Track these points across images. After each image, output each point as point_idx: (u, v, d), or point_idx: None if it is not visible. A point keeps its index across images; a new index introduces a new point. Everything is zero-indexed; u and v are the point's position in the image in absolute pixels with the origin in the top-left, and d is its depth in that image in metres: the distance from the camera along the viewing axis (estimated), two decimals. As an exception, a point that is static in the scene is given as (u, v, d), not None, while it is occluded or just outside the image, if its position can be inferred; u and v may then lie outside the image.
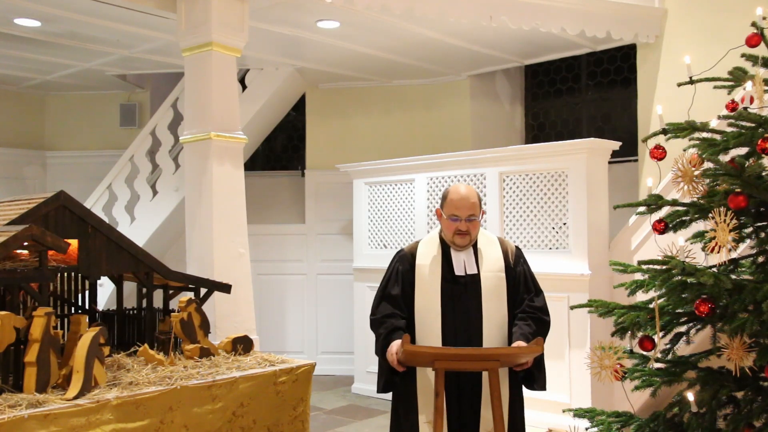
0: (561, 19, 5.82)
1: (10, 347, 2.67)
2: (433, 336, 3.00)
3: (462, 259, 3.08)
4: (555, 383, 5.45)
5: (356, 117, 8.17)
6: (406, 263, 3.13)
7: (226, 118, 5.02)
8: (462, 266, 3.07)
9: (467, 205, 3.02)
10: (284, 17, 5.78)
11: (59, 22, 5.89)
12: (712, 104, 3.98)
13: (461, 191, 3.06)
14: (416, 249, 3.16)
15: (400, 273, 3.11)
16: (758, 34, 3.35)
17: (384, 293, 3.11)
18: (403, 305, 3.06)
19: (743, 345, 2.94)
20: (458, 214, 3.02)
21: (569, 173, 5.55)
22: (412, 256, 3.14)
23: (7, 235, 2.66)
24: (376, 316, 3.07)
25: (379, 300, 3.11)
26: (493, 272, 3.08)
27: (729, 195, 3.07)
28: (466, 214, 3.02)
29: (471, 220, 3.03)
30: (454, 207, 3.03)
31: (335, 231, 8.10)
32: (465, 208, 3.02)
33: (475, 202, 3.05)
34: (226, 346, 3.48)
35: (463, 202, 3.02)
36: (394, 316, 3.03)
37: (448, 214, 3.05)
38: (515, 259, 3.15)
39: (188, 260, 5.07)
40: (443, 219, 3.10)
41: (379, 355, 3.03)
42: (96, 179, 8.01)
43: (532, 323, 3.02)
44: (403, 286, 3.08)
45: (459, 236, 3.04)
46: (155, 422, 2.73)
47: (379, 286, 3.17)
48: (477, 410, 2.97)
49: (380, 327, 3.03)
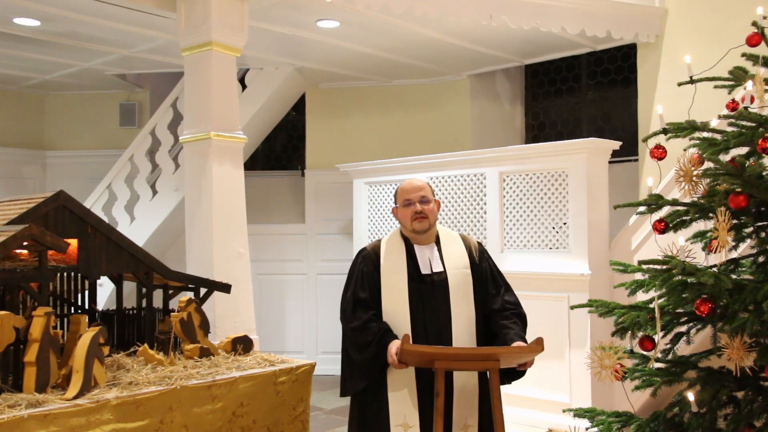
0: (561, 19, 5.82)
1: (10, 347, 2.67)
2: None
3: (426, 256, 3.07)
4: (555, 383, 5.46)
5: (356, 117, 8.17)
6: (369, 264, 3.09)
7: (225, 118, 5.01)
8: (427, 264, 3.06)
9: (415, 187, 3.10)
10: (284, 17, 5.78)
11: (59, 21, 5.88)
12: (712, 104, 3.97)
13: (411, 180, 3.17)
14: (379, 248, 3.13)
15: (365, 275, 3.07)
16: (759, 33, 3.35)
17: (354, 298, 3.05)
18: (373, 307, 3.02)
19: (743, 345, 2.94)
20: (410, 198, 3.08)
21: (569, 173, 5.55)
22: (376, 256, 3.10)
23: (7, 234, 2.65)
24: (355, 324, 2.99)
25: (352, 305, 3.04)
26: (459, 269, 3.07)
27: (729, 195, 3.06)
28: (417, 196, 3.07)
29: (424, 201, 3.07)
30: (405, 193, 3.10)
31: (335, 231, 8.10)
32: (414, 190, 3.09)
33: (423, 185, 3.11)
34: (226, 346, 3.48)
35: (411, 186, 3.11)
36: (375, 319, 2.98)
37: (401, 202, 3.11)
38: (479, 255, 3.14)
39: (188, 260, 5.06)
40: (399, 210, 3.13)
41: (367, 361, 2.96)
42: (96, 179, 8.01)
43: (518, 321, 3.02)
44: (369, 288, 3.04)
45: (417, 220, 3.05)
46: (155, 422, 2.73)
47: (345, 287, 3.11)
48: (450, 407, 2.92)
49: (366, 334, 2.95)
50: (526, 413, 5.46)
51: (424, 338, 2.97)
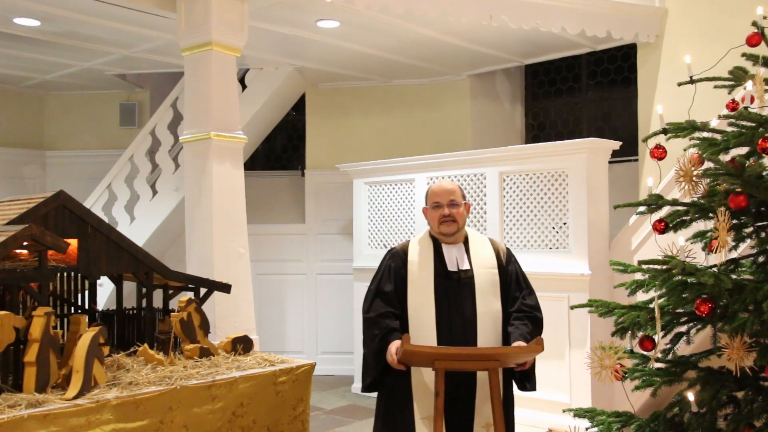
0: (561, 19, 5.82)
1: (10, 347, 2.66)
2: (428, 332, 2.99)
3: (454, 255, 3.11)
4: (555, 383, 5.46)
5: (356, 117, 8.17)
6: (398, 260, 3.15)
7: (225, 118, 5.01)
8: (454, 262, 3.10)
9: (446, 191, 3.14)
10: (284, 17, 5.78)
11: (59, 21, 5.88)
12: (712, 104, 3.97)
13: (441, 182, 3.23)
14: (408, 247, 3.20)
15: (392, 270, 3.12)
16: (759, 33, 3.35)
17: (377, 290, 3.11)
18: (396, 302, 3.06)
19: (743, 345, 2.94)
20: (439, 201, 3.13)
21: (569, 173, 5.55)
22: (404, 253, 3.17)
23: (7, 234, 2.65)
24: (370, 315, 3.07)
25: (373, 296, 3.11)
26: (486, 269, 3.11)
27: (729, 195, 3.07)
28: (446, 200, 3.12)
29: (453, 204, 3.11)
30: (435, 195, 3.16)
31: (335, 231, 8.10)
32: (444, 194, 3.13)
33: (454, 189, 3.16)
34: (226, 346, 3.48)
35: (441, 189, 3.16)
36: (388, 316, 3.02)
37: (430, 204, 3.16)
38: (507, 258, 3.19)
39: (188, 260, 5.06)
40: (428, 212, 3.19)
41: (371, 355, 3.02)
42: (96, 179, 8.01)
43: (528, 323, 3.03)
44: (395, 282, 3.09)
45: (445, 224, 3.10)
46: (155, 422, 2.73)
47: (371, 283, 3.17)
48: (471, 408, 2.96)
49: (374, 327, 3.02)
50: (526, 413, 5.45)
51: (449, 334, 2.99)
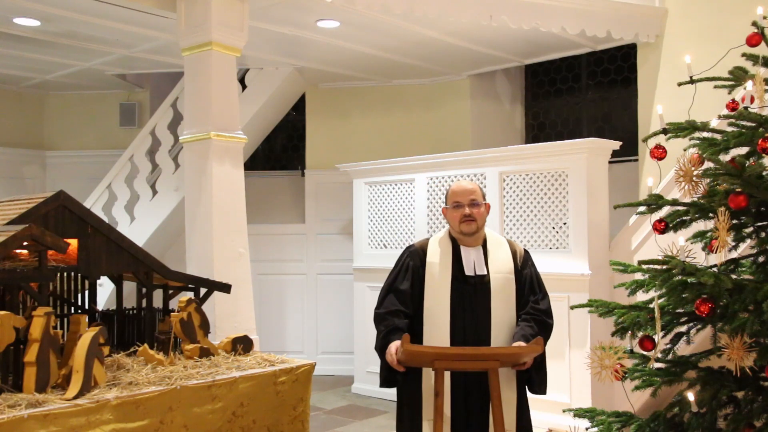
0: (561, 19, 5.82)
1: (10, 347, 2.66)
2: (442, 335, 3.00)
3: (472, 259, 3.10)
4: (555, 383, 5.44)
5: (356, 117, 8.17)
6: (417, 259, 3.14)
7: (225, 118, 5.01)
8: (472, 266, 3.09)
9: (467, 190, 3.13)
10: (284, 17, 5.78)
11: (59, 21, 5.88)
12: (712, 104, 3.97)
13: (461, 182, 3.21)
14: (427, 246, 3.18)
15: (410, 268, 3.12)
16: (759, 33, 3.35)
17: (392, 286, 3.11)
18: (409, 301, 3.06)
19: (743, 345, 2.94)
20: (460, 200, 3.11)
21: (569, 173, 5.55)
22: (423, 252, 3.15)
23: (7, 234, 2.65)
24: (380, 311, 3.07)
25: (386, 292, 3.11)
26: (502, 273, 3.10)
27: (729, 195, 3.07)
28: (467, 199, 3.10)
29: (474, 204, 3.10)
30: (456, 195, 3.14)
31: (335, 231, 8.10)
32: (465, 194, 3.12)
33: (474, 188, 3.14)
34: (226, 346, 3.47)
35: (462, 189, 3.14)
36: (397, 314, 3.02)
37: (451, 204, 3.14)
38: (523, 262, 3.18)
39: (188, 260, 5.06)
40: (449, 211, 3.16)
41: (378, 351, 3.04)
42: (96, 179, 8.01)
43: (534, 324, 3.02)
44: (412, 282, 3.09)
45: (465, 223, 3.09)
46: (155, 422, 2.73)
47: (387, 279, 3.16)
48: (486, 409, 2.96)
49: (381, 323, 3.03)
50: (526, 413, 5.46)
51: (462, 338, 3.00)
